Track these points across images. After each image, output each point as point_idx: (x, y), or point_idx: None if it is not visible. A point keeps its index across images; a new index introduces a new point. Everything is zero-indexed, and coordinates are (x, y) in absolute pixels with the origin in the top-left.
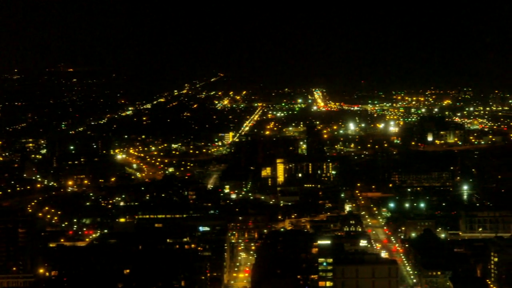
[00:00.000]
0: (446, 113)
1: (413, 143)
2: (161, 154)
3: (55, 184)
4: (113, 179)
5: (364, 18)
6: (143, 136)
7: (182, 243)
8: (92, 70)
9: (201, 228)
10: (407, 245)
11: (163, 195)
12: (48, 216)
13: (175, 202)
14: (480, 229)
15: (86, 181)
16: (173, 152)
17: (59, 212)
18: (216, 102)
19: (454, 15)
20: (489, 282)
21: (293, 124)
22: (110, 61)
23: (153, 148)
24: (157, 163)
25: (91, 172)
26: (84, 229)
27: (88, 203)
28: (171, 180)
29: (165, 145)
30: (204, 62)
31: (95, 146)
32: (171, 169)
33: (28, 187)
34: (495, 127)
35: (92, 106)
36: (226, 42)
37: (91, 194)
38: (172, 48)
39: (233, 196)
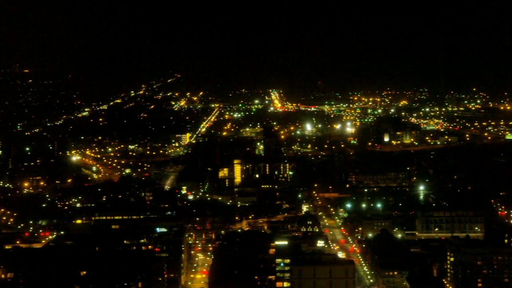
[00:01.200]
0: (402, 113)
1: (369, 143)
2: (118, 155)
3: (10, 185)
4: (69, 181)
5: (320, 19)
6: (100, 137)
7: (139, 244)
8: (47, 71)
9: (158, 229)
10: (364, 246)
11: (119, 196)
12: (4, 218)
13: (132, 203)
14: (436, 229)
15: (42, 183)
16: (130, 153)
17: (14, 214)
18: (173, 103)
19: (410, 16)
20: (445, 282)
21: (250, 125)
22: (66, 62)
23: (109, 149)
24: (114, 164)
25: (47, 173)
26: (40, 230)
27: (44, 205)
28: (127, 181)
29: (122, 146)
30: (161, 63)
31: (51, 148)
32: (127, 170)
33: None
34: (450, 127)
35: (48, 107)
36: (183, 43)
37: (47, 195)
38: (129, 49)
39: (190, 197)
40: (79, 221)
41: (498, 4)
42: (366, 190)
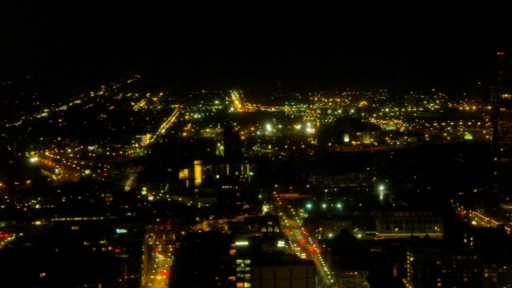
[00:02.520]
0: (362, 114)
1: (329, 144)
2: (78, 156)
3: None
4: (28, 182)
5: (279, 20)
6: (59, 138)
7: (99, 245)
8: (6, 71)
9: (118, 231)
10: (324, 246)
11: (79, 197)
12: None
13: (92, 204)
14: (396, 229)
15: (0, 184)
16: (90, 154)
17: None
18: (133, 103)
19: (369, 17)
20: (405, 282)
21: (211, 125)
22: (25, 62)
23: (69, 150)
24: (74, 165)
25: (5, 174)
26: None
27: (2, 206)
28: (87, 182)
29: (82, 147)
30: (121, 64)
31: (9, 148)
32: (87, 171)
33: None
34: (410, 127)
35: (6, 108)
36: (142, 44)
37: (6, 197)
38: (88, 50)
39: (151, 198)
40: (38, 223)
41: (456, 5)
42: (326, 190)
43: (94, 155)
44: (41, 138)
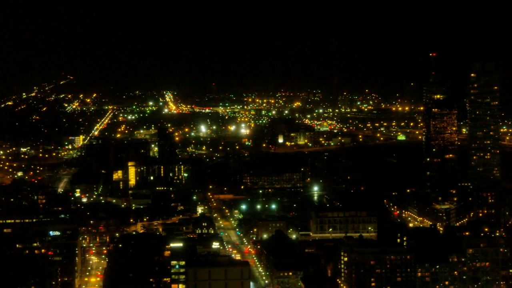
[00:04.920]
0: (296, 115)
1: (264, 145)
2: (10, 158)
3: None
4: None
5: (213, 20)
6: None
7: (31, 248)
8: None
9: (51, 233)
10: (259, 247)
11: (11, 199)
12: None
13: (25, 206)
14: (330, 229)
15: None
16: (22, 155)
17: None
18: (66, 105)
19: (302, 17)
20: (339, 282)
21: (145, 126)
22: None
23: (1, 152)
24: (6, 167)
25: None
26: None
27: None
28: (20, 184)
29: (14, 148)
30: (54, 64)
31: None
32: (20, 173)
33: None
34: (344, 128)
35: None
36: (76, 44)
37: None
38: (20, 50)
39: (84, 199)
40: None
41: (388, 5)
42: (261, 191)
43: (26, 156)
44: None
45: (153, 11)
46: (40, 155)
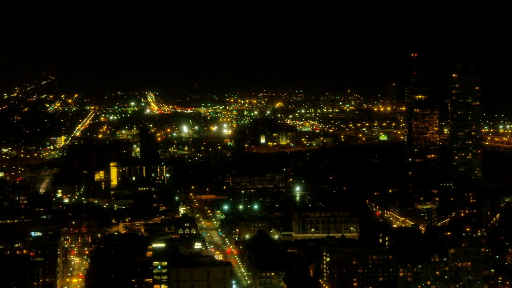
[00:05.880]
0: (278, 115)
1: (246, 145)
2: None
3: None
4: None
5: (194, 21)
6: None
7: (13, 248)
8: None
9: (33, 233)
10: (241, 247)
11: None
12: None
13: (6, 207)
14: (313, 230)
15: None
16: (4, 156)
17: None
18: (48, 105)
19: (283, 17)
20: (322, 282)
21: (127, 127)
22: None
23: None
24: None
25: None
26: None
27: None
28: (1, 185)
29: None
30: (35, 65)
31: None
32: (1, 174)
33: None
34: (326, 128)
35: None
36: (57, 45)
37: None
38: (0, 51)
39: (66, 200)
40: None
41: (370, 6)
42: (243, 191)
43: (8, 157)
44: None
45: (135, 12)
46: (22, 155)
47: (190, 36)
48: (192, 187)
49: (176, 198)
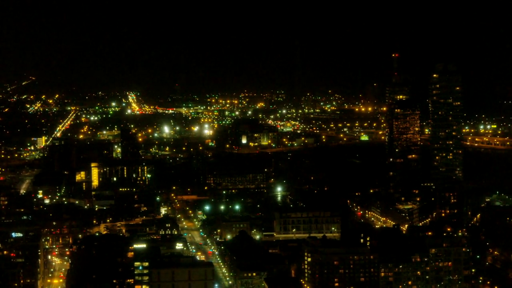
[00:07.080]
0: (260, 115)
1: (227, 145)
2: None
3: None
4: None
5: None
6: None
7: None
8: None
9: (13, 234)
10: (222, 247)
11: None
12: None
13: None
14: (294, 230)
15: None
16: None
17: None
18: (28, 106)
19: (264, 17)
20: (303, 282)
21: (108, 127)
22: None
23: None
24: None
25: None
26: None
27: None
28: None
29: None
30: (16, 65)
31: None
32: None
33: None
34: (307, 129)
35: None
36: (38, 44)
37: None
38: None
39: (47, 201)
40: None
41: (351, 6)
42: (224, 192)
43: None
44: None
45: (116, 12)
46: (2, 156)
47: (171, 37)
48: (174, 187)
49: (158, 198)
